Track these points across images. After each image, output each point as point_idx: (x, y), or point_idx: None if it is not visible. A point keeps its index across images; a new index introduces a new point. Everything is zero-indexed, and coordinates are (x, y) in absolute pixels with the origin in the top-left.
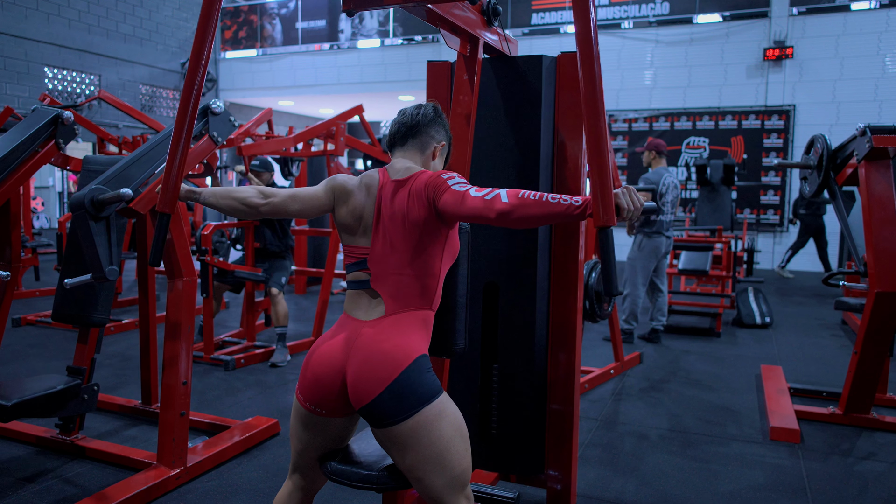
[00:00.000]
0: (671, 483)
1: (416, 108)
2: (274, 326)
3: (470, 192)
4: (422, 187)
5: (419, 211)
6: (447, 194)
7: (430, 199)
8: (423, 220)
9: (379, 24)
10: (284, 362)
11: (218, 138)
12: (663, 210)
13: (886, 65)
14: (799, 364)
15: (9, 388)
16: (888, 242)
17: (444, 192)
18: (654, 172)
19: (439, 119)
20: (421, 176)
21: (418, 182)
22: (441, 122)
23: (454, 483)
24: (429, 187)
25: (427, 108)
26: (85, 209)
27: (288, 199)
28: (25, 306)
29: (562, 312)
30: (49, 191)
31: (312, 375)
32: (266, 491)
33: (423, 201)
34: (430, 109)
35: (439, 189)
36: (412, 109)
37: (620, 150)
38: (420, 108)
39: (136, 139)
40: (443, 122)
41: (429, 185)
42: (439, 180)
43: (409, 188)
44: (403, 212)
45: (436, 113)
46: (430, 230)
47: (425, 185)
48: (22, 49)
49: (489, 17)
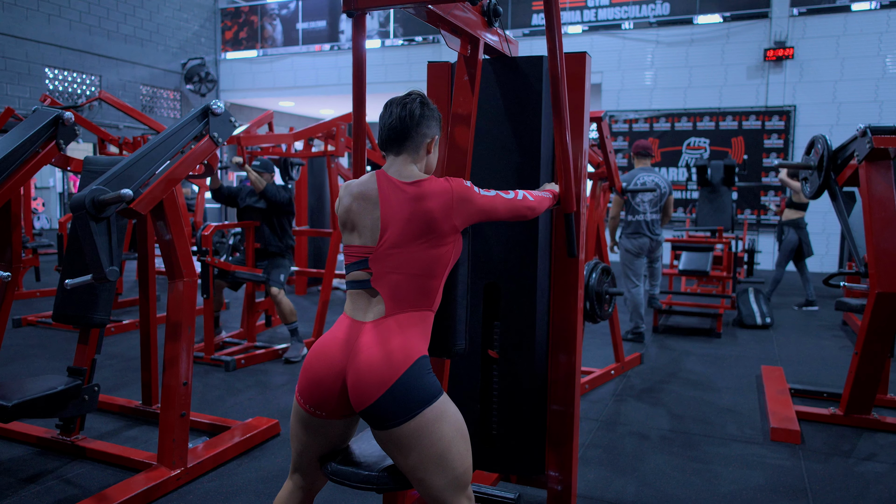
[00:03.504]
0: (672, 484)
1: (401, 107)
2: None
3: (501, 196)
4: (449, 198)
5: (444, 219)
6: (482, 200)
7: (463, 208)
8: (447, 227)
9: (379, 24)
10: (298, 357)
11: (218, 139)
12: (637, 209)
13: (887, 65)
14: (799, 365)
15: (9, 389)
16: (889, 243)
17: (476, 199)
18: (628, 173)
19: (427, 111)
20: (439, 186)
21: (442, 192)
22: (430, 115)
23: (455, 483)
24: (457, 198)
25: (412, 105)
26: (86, 210)
27: None
28: (26, 307)
29: (562, 313)
30: (50, 191)
31: (312, 377)
32: (266, 492)
33: (451, 210)
34: (416, 107)
35: (473, 200)
36: (398, 110)
37: (621, 150)
38: (405, 108)
39: (137, 140)
40: (431, 114)
41: (456, 195)
42: (467, 190)
43: (427, 197)
44: (421, 217)
45: (423, 108)
46: (445, 236)
47: (453, 196)
48: (23, 50)
49: (490, 17)
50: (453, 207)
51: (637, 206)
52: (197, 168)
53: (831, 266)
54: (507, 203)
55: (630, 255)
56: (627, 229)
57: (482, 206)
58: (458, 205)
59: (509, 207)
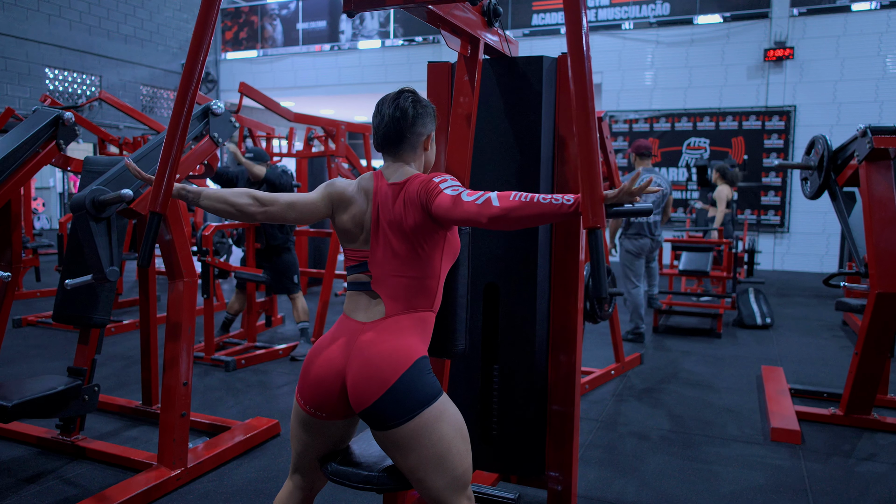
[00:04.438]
0: (672, 484)
1: (393, 107)
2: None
3: (462, 196)
4: (414, 192)
5: (414, 216)
6: (440, 198)
7: (424, 203)
8: (419, 224)
9: (380, 24)
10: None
11: (218, 139)
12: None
13: (887, 65)
14: (800, 365)
15: (10, 389)
16: (889, 243)
17: (437, 195)
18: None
19: (420, 109)
20: (414, 180)
21: (412, 187)
22: (424, 112)
23: (456, 483)
24: (421, 192)
25: (405, 104)
26: (86, 210)
27: (286, 207)
28: (26, 307)
29: (562, 313)
30: (50, 191)
31: (312, 378)
32: (267, 492)
33: (417, 206)
34: (408, 106)
35: (432, 193)
36: (390, 111)
37: (621, 150)
38: (398, 108)
39: (137, 140)
40: (425, 110)
41: (421, 189)
42: (431, 184)
43: (404, 193)
44: (401, 216)
45: (415, 107)
46: (427, 234)
47: (417, 191)
48: (23, 50)
49: (490, 17)
50: (418, 201)
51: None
52: (197, 168)
53: (831, 266)
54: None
55: (630, 256)
56: (629, 230)
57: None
58: (424, 195)
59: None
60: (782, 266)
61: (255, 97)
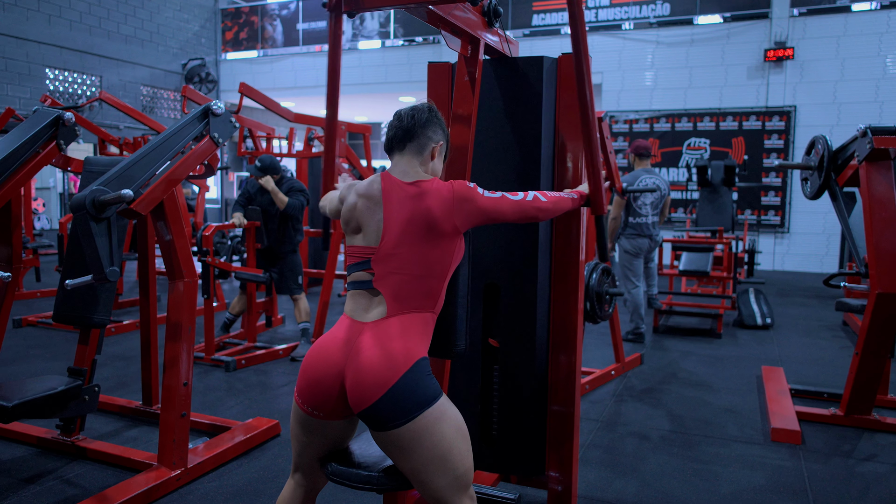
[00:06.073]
0: (672, 484)
1: (411, 109)
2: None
3: (507, 197)
4: (449, 197)
5: (444, 218)
6: (484, 201)
7: (463, 207)
8: (447, 227)
9: (380, 25)
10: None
11: (219, 139)
12: (640, 212)
13: (887, 66)
14: (800, 365)
15: (10, 389)
16: (889, 243)
17: (479, 199)
18: (630, 174)
19: (435, 119)
20: (439, 185)
21: (441, 192)
22: (437, 122)
23: (457, 484)
24: (457, 197)
25: (422, 109)
26: (86, 210)
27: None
28: (26, 307)
29: (562, 313)
30: (50, 192)
31: (311, 378)
32: (267, 492)
33: (451, 210)
34: (424, 110)
35: (474, 199)
36: (407, 112)
37: (621, 150)
38: (415, 111)
39: (137, 140)
40: (439, 122)
41: (457, 195)
42: (468, 190)
43: (427, 195)
44: (421, 217)
45: (431, 113)
46: (445, 236)
47: (453, 196)
48: (23, 50)
49: (490, 18)
50: (454, 207)
51: (639, 209)
52: (197, 168)
53: (831, 266)
54: (513, 204)
55: (629, 256)
56: (628, 230)
57: (484, 206)
58: (459, 204)
59: (516, 209)
60: (782, 266)
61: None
